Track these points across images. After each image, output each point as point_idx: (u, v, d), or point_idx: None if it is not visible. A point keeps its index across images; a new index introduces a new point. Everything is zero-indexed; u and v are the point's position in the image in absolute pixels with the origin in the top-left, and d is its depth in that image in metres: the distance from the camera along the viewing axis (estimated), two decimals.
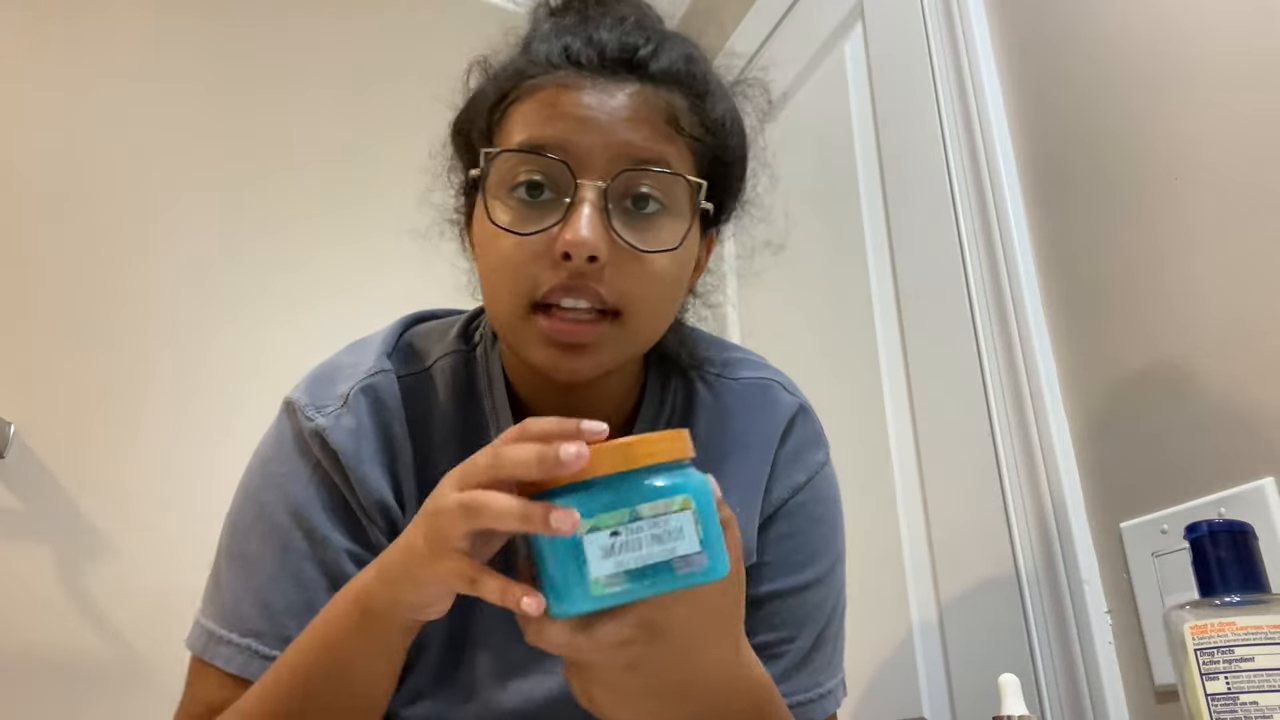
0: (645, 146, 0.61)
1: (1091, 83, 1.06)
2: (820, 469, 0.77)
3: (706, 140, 0.65)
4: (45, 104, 1.63)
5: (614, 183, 0.60)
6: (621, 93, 0.61)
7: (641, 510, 0.47)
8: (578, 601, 0.47)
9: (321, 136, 1.85)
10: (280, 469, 0.67)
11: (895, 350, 1.33)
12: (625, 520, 0.47)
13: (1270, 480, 0.82)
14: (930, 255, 1.27)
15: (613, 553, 0.47)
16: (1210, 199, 0.91)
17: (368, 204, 1.81)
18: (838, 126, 1.53)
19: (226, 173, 1.74)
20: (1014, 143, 1.17)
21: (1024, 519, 1.05)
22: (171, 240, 1.65)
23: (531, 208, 0.61)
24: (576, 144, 0.60)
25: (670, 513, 0.47)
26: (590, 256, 0.58)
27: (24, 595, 1.36)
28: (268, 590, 0.64)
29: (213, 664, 0.63)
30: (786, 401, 0.77)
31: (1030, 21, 1.17)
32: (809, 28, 1.67)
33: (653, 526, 0.47)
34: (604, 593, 0.46)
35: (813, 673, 0.73)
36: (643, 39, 0.63)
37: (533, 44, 0.65)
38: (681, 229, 0.63)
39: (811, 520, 0.75)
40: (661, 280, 0.62)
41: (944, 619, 1.16)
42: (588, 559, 0.47)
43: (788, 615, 0.73)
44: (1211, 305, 0.89)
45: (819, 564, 0.74)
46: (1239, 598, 0.60)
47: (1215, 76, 0.92)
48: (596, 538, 0.47)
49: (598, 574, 0.47)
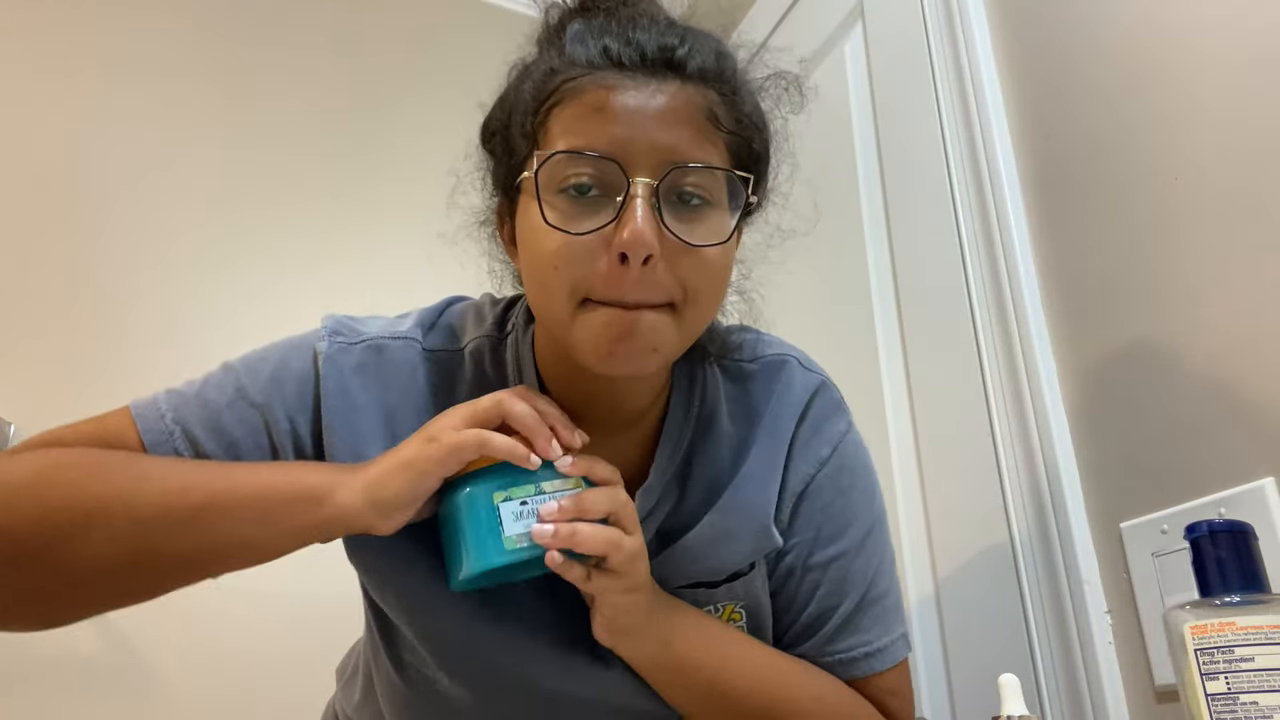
0: (690, 144, 0.63)
1: (1091, 83, 1.06)
2: (843, 437, 0.78)
3: (740, 135, 0.67)
4: (47, 103, 1.63)
5: (663, 181, 0.62)
6: (663, 93, 0.63)
7: (544, 487, 0.63)
8: (493, 555, 0.60)
9: (326, 135, 1.85)
10: (286, 353, 0.73)
11: (895, 350, 1.33)
12: (532, 493, 0.62)
13: (1270, 480, 0.82)
14: (930, 255, 1.27)
15: (521, 518, 0.61)
16: (1210, 199, 0.91)
17: (373, 205, 1.82)
18: (838, 126, 1.53)
19: (230, 172, 1.74)
20: (1014, 143, 1.17)
21: (1024, 519, 1.05)
22: (173, 240, 1.65)
23: (578, 205, 0.62)
24: (626, 145, 0.61)
25: (565, 490, 0.63)
26: (647, 256, 0.60)
27: None
28: (223, 414, 0.68)
29: (136, 420, 0.67)
30: (803, 378, 0.78)
31: (1030, 21, 1.17)
32: (809, 28, 1.67)
33: (552, 500, 0.62)
34: (515, 548, 0.61)
35: (859, 632, 0.75)
36: (677, 39, 0.65)
37: (567, 45, 0.66)
38: (727, 222, 0.66)
39: (841, 490, 0.76)
40: (714, 271, 0.65)
41: (944, 619, 1.16)
42: (502, 521, 0.61)
43: (830, 586, 0.75)
44: (1211, 305, 0.89)
45: (854, 532, 0.76)
46: (1239, 598, 0.60)
47: (1215, 77, 0.92)
48: (509, 505, 0.62)
49: (510, 532, 0.61)
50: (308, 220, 1.78)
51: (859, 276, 1.42)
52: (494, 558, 0.60)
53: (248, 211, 1.73)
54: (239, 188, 1.74)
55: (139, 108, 1.70)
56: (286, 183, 1.78)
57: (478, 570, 0.61)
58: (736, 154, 0.67)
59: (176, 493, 0.61)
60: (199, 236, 1.68)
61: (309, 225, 1.78)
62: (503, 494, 0.62)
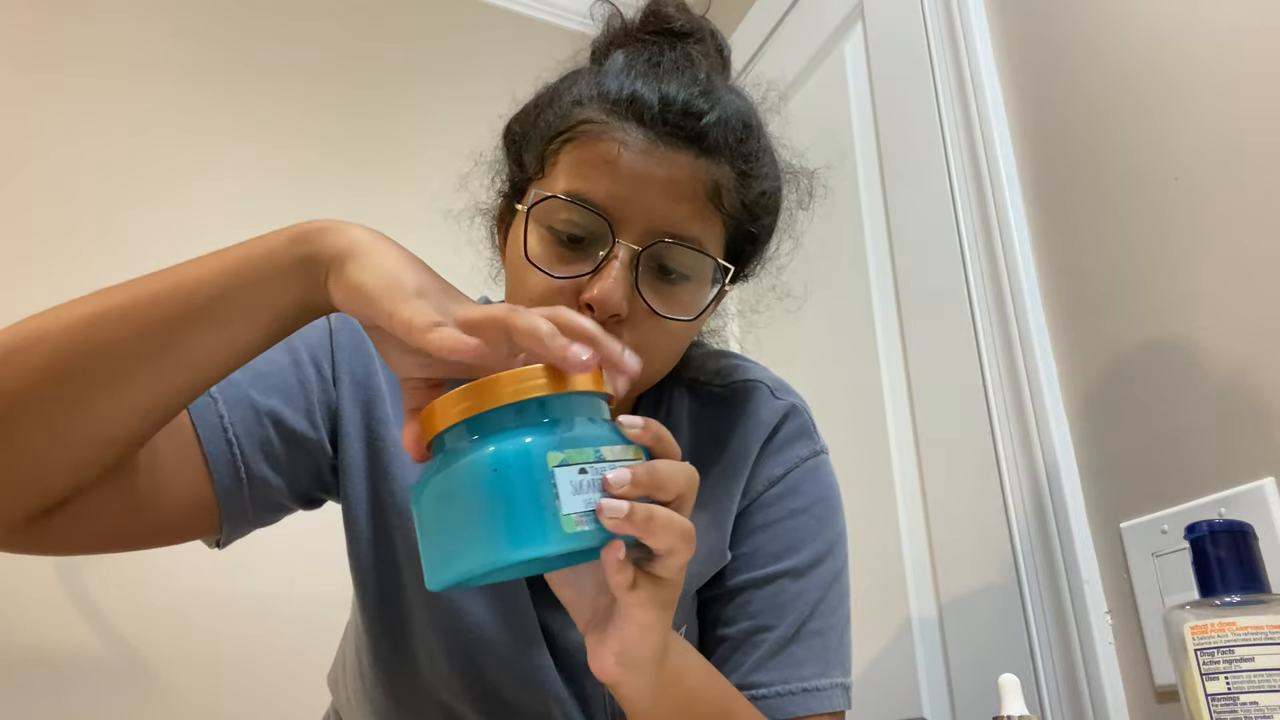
0: (686, 219, 0.64)
1: (1091, 83, 1.06)
2: (800, 464, 0.76)
3: (742, 217, 0.68)
4: (49, 103, 1.63)
5: (648, 249, 0.63)
6: (673, 163, 0.64)
7: (604, 453, 0.45)
8: (549, 539, 0.42)
9: (332, 130, 1.85)
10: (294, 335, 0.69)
11: (895, 350, 1.33)
12: (591, 459, 0.44)
13: (1270, 480, 0.82)
14: (930, 255, 1.27)
15: (581, 490, 0.43)
16: (1210, 199, 0.91)
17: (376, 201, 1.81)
18: (838, 127, 1.53)
19: (235, 171, 1.74)
20: (1014, 143, 1.17)
21: (1024, 519, 1.05)
22: (174, 240, 1.65)
23: (566, 246, 0.64)
24: (621, 205, 0.63)
25: (625, 460, 0.45)
26: (613, 314, 0.61)
27: (24, 595, 1.36)
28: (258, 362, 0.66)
29: None
30: (772, 404, 0.77)
31: (1030, 21, 1.17)
32: (809, 28, 1.67)
33: (611, 470, 0.44)
34: (575, 530, 0.42)
35: (794, 665, 0.69)
36: (707, 104, 0.65)
37: (604, 73, 0.67)
38: (702, 298, 0.67)
39: (790, 513, 0.74)
40: (675, 339, 0.67)
41: (944, 619, 1.16)
42: (559, 494, 0.42)
43: (764, 603, 0.71)
44: (1211, 305, 0.89)
45: (798, 556, 0.72)
46: (1239, 598, 0.60)
47: (1215, 77, 0.92)
48: (567, 473, 0.43)
49: (569, 510, 0.42)
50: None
51: (859, 277, 1.42)
52: (549, 542, 0.42)
53: (251, 211, 1.73)
54: (245, 186, 1.74)
55: (145, 105, 1.70)
56: (294, 182, 1.78)
57: (516, 559, 0.42)
58: (732, 234, 0.69)
59: (141, 284, 0.54)
60: (202, 235, 1.67)
61: None
62: (559, 454, 0.43)
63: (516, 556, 0.42)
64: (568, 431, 0.44)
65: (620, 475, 0.44)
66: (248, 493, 0.64)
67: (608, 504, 0.43)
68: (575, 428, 0.45)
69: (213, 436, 0.62)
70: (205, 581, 1.44)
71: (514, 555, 0.42)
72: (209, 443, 0.62)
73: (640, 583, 0.47)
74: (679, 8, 0.72)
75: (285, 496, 0.67)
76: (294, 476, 0.67)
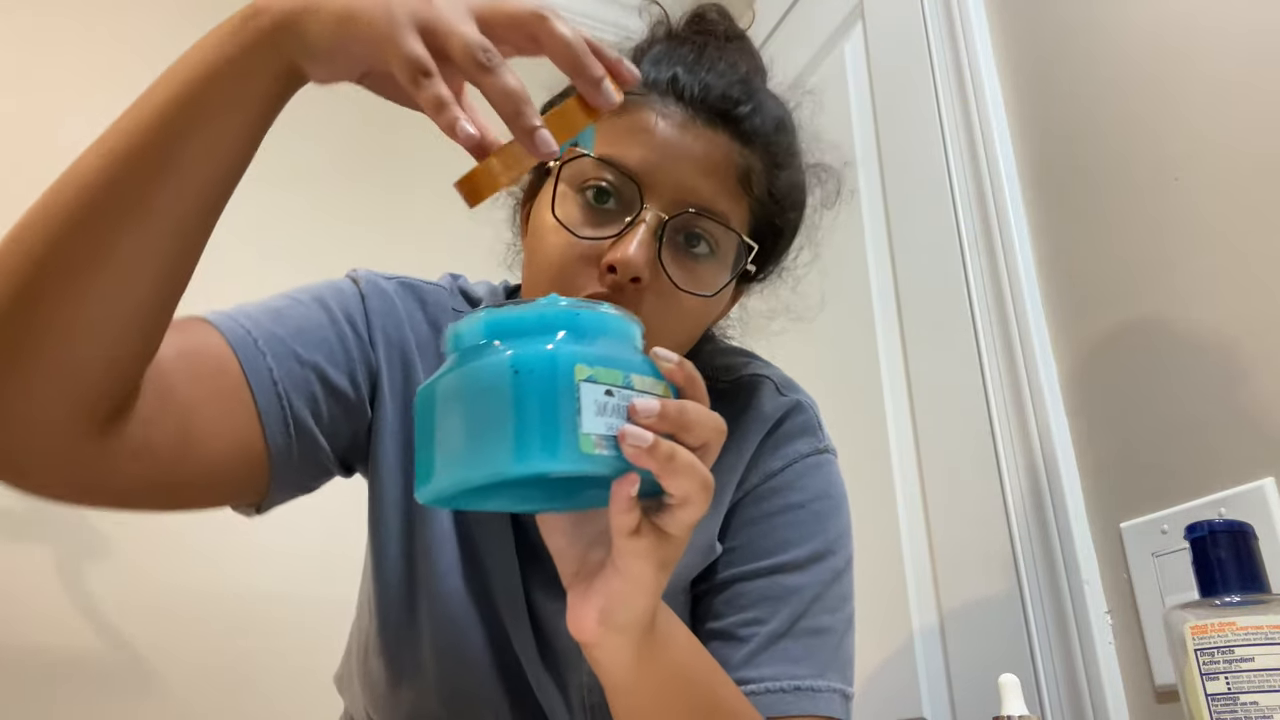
0: (715, 195, 0.65)
1: (1091, 82, 1.06)
2: (799, 459, 0.74)
3: (769, 206, 0.69)
4: (51, 102, 1.63)
5: (675, 218, 0.63)
6: (709, 140, 0.65)
7: (634, 380, 0.42)
8: (563, 456, 0.39)
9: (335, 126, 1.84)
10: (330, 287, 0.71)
11: (895, 350, 1.33)
12: (619, 383, 0.42)
13: (1270, 480, 0.82)
14: (930, 255, 1.27)
15: (604, 413, 0.41)
16: (1210, 199, 0.91)
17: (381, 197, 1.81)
18: (838, 126, 1.53)
19: None
20: (1014, 143, 1.17)
21: (1024, 519, 1.05)
22: None
23: (594, 211, 0.64)
24: (654, 171, 0.63)
25: (654, 394, 0.43)
26: (634, 277, 0.61)
27: (24, 595, 1.36)
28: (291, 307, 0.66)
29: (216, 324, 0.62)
30: (776, 399, 0.77)
31: (1030, 21, 1.17)
32: (809, 28, 1.67)
33: (638, 399, 0.42)
34: (593, 452, 0.40)
35: (787, 662, 0.66)
36: (745, 96, 0.66)
37: (643, 62, 0.68)
38: (722, 277, 0.67)
39: (787, 507, 0.72)
40: (690, 318, 0.66)
41: (944, 619, 1.16)
42: (582, 410, 0.40)
43: (755, 596, 0.69)
44: (1211, 305, 0.89)
45: (795, 551, 0.70)
46: (1239, 598, 0.60)
47: (1215, 76, 0.92)
48: (593, 390, 0.40)
49: (590, 429, 0.40)
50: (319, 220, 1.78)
51: (859, 276, 1.42)
52: (562, 459, 0.39)
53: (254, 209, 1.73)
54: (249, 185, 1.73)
55: None
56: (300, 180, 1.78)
57: (523, 472, 0.39)
58: (757, 221, 0.69)
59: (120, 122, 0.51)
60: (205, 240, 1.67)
61: (321, 226, 1.77)
62: (588, 369, 0.41)
63: (523, 469, 0.39)
64: (599, 349, 0.42)
65: (649, 404, 0.42)
66: (295, 447, 0.62)
67: (631, 430, 0.41)
68: (608, 348, 0.43)
69: (262, 386, 0.60)
70: (205, 582, 1.44)
71: (521, 468, 0.39)
72: (259, 391, 0.60)
73: (644, 531, 0.44)
74: (722, 14, 0.74)
75: (327, 457, 0.66)
76: (335, 435, 0.66)
